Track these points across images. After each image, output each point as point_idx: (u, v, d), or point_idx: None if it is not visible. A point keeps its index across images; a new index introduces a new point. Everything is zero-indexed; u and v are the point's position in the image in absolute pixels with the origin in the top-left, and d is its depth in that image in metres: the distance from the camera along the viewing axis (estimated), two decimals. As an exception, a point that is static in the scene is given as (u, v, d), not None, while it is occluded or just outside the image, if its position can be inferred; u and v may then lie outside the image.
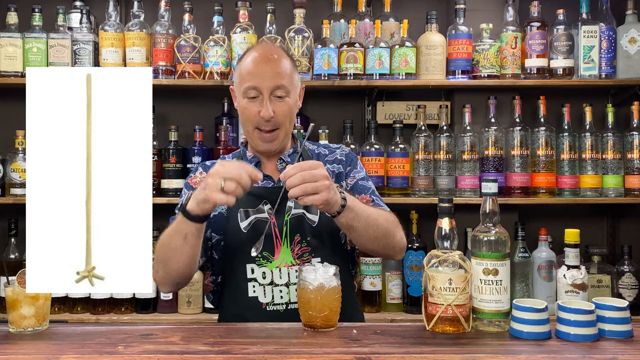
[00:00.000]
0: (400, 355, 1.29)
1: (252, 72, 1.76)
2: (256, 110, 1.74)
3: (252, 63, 1.77)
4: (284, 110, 1.76)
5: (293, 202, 1.74)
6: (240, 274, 1.75)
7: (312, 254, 1.75)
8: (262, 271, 1.74)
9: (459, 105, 3.06)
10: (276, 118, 1.74)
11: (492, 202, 1.50)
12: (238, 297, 1.76)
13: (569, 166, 2.94)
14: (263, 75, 1.74)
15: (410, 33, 2.98)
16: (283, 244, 1.74)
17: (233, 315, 1.76)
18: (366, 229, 1.65)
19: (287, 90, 1.76)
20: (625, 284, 2.90)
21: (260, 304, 1.73)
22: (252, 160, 1.85)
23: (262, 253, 1.73)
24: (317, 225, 1.76)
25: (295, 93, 1.81)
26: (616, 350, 1.33)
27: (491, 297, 1.44)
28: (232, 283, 1.78)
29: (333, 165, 1.86)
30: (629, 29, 2.96)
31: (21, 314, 1.48)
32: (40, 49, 2.89)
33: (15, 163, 2.87)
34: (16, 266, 2.73)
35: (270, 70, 1.75)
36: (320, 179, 1.50)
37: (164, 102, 3.05)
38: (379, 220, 1.68)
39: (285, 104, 1.76)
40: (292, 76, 1.79)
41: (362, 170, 1.91)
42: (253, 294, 1.74)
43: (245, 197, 1.70)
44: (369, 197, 1.84)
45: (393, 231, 1.73)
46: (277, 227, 1.75)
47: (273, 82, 1.74)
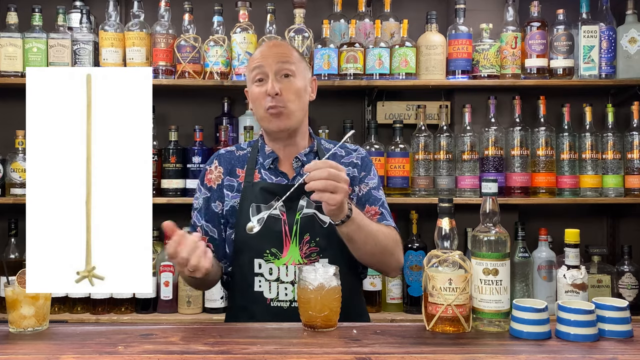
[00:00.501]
0: (400, 355, 1.30)
1: (258, 57, 1.82)
2: (264, 90, 1.78)
3: (259, 51, 1.85)
4: (289, 88, 1.78)
5: (306, 201, 1.76)
6: (248, 268, 1.77)
7: (320, 254, 1.76)
8: (269, 267, 1.76)
9: (459, 105, 3.06)
10: (282, 95, 1.77)
11: (492, 202, 1.50)
12: (245, 291, 1.79)
13: (569, 166, 2.94)
14: (268, 57, 1.80)
15: (410, 33, 2.98)
16: (292, 242, 1.76)
17: (239, 308, 1.80)
18: (365, 244, 1.68)
19: (293, 71, 1.79)
20: (625, 284, 2.90)
21: (265, 299, 1.75)
22: (270, 155, 1.85)
23: (270, 249, 1.75)
24: (328, 226, 1.76)
25: (304, 79, 1.83)
26: (616, 350, 1.33)
27: (491, 297, 1.44)
28: (240, 276, 1.80)
29: (348, 169, 1.85)
30: (629, 29, 2.96)
31: (21, 314, 1.48)
32: (40, 49, 2.89)
33: (15, 163, 2.87)
34: (16, 266, 2.72)
35: (275, 52, 1.81)
36: (342, 182, 1.53)
37: (164, 102, 3.05)
38: (379, 237, 1.70)
39: (291, 83, 1.78)
40: (299, 63, 1.83)
41: (376, 177, 1.91)
42: (259, 288, 1.76)
43: (259, 192, 1.76)
44: (378, 209, 1.84)
45: (391, 250, 1.76)
46: (287, 225, 1.76)
47: (278, 60, 1.78)
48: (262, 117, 1.82)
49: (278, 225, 1.76)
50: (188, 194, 2.89)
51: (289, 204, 1.76)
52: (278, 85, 1.76)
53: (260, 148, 1.88)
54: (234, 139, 3.07)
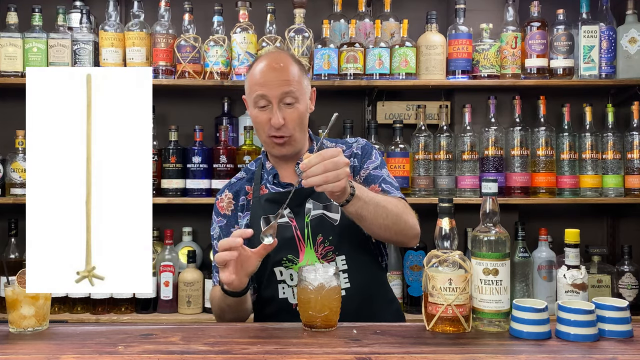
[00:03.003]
0: (400, 355, 1.30)
1: (259, 82, 1.78)
2: (267, 118, 1.77)
3: (259, 73, 1.79)
4: (293, 118, 1.77)
5: (312, 203, 1.78)
6: (270, 278, 1.79)
7: (335, 252, 1.77)
8: (290, 273, 1.78)
9: (459, 105, 3.06)
10: (287, 125, 1.77)
11: (492, 202, 1.50)
12: (271, 300, 1.80)
13: (569, 166, 2.94)
14: (270, 84, 1.76)
15: (410, 33, 2.98)
16: (307, 246, 1.77)
17: (267, 316, 1.82)
18: (375, 217, 1.64)
19: (296, 96, 1.77)
20: (625, 284, 2.90)
21: (290, 305, 1.77)
22: (271, 172, 1.87)
23: (287, 256, 1.76)
24: (338, 223, 1.77)
25: (305, 98, 1.83)
26: (616, 350, 1.33)
27: (491, 297, 1.44)
28: (264, 287, 1.82)
29: (350, 159, 1.86)
30: (629, 29, 2.96)
31: (21, 314, 1.48)
32: (40, 49, 2.89)
33: (15, 163, 2.87)
34: (16, 266, 2.73)
35: (277, 78, 1.77)
36: (341, 166, 1.51)
37: (164, 102, 3.05)
38: (388, 207, 1.66)
39: (294, 111, 1.78)
40: (301, 82, 1.80)
41: (378, 159, 1.89)
42: (283, 295, 1.78)
43: (265, 204, 1.79)
44: (378, 186, 1.83)
45: (404, 217, 1.71)
46: (298, 230, 1.77)
47: (280, 90, 1.75)
48: (265, 141, 1.83)
49: (289, 231, 1.77)
50: (188, 194, 2.90)
51: (296, 209, 1.78)
52: (281, 115, 1.75)
53: (264, 163, 1.91)
54: (234, 139, 3.07)
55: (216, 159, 2.90)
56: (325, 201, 1.78)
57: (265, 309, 1.84)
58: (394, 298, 1.92)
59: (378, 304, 1.80)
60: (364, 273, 1.77)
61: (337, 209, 1.77)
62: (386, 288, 1.91)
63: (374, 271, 1.82)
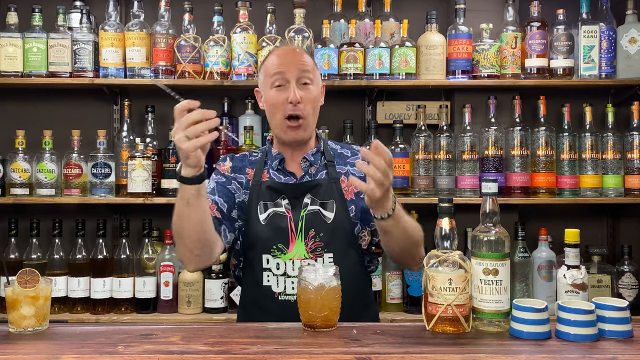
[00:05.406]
0: (400, 355, 1.29)
1: (277, 63, 1.84)
2: (284, 97, 1.80)
3: (277, 57, 1.86)
4: (310, 98, 1.83)
5: (310, 198, 1.82)
6: (257, 264, 1.82)
7: (324, 249, 1.80)
8: (277, 262, 1.80)
9: (459, 105, 3.06)
10: (303, 104, 1.80)
11: (492, 202, 1.50)
12: (255, 285, 1.83)
13: (569, 166, 2.94)
14: (289, 63, 1.82)
15: (410, 33, 2.98)
16: (298, 238, 1.80)
17: (250, 301, 1.86)
18: (401, 238, 1.72)
19: (311, 78, 1.84)
20: (625, 284, 2.90)
21: (274, 293, 1.80)
22: (277, 157, 1.89)
23: (277, 245, 1.80)
24: (331, 222, 1.81)
25: (318, 87, 1.89)
26: (616, 350, 1.33)
27: (491, 297, 1.44)
28: (250, 271, 1.85)
29: (354, 169, 1.87)
30: (629, 29, 2.96)
31: (21, 314, 1.47)
32: (40, 49, 2.89)
33: (15, 163, 2.87)
34: (16, 266, 2.72)
35: (295, 59, 1.84)
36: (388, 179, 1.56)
37: (163, 102, 3.04)
38: (414, 232, 1.75)
39: (310, 92, 1.83)
40: (315, 71, 1.89)
41: None
42: (267, 283, 1.81)
43: (266, 190, 1.82)
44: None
45: (419, 249, 1.81)
46: (293, 221, 1.81)
47: (299, 68, 1.82)
48: (278, 125, 1.84)
49: (284, 221, 1.81)
50: (188, 194, 2.89)
51: (294, 201, 1.82)
52: (300, 93, 1.80)
53: (269, 151, 1.93)
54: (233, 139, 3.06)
55: (216, 159, 2.90)
56: (323, 198, 1.82)
57: (249, 294, 1.88)
58: (372, 302, 1.96)
59: (357, 306, 1.82)
60: (347, 274, 1.76)
61: (332, 207, 1.81)
62: (366, 292, 1.93)
63: (357, 273, 1.85)
